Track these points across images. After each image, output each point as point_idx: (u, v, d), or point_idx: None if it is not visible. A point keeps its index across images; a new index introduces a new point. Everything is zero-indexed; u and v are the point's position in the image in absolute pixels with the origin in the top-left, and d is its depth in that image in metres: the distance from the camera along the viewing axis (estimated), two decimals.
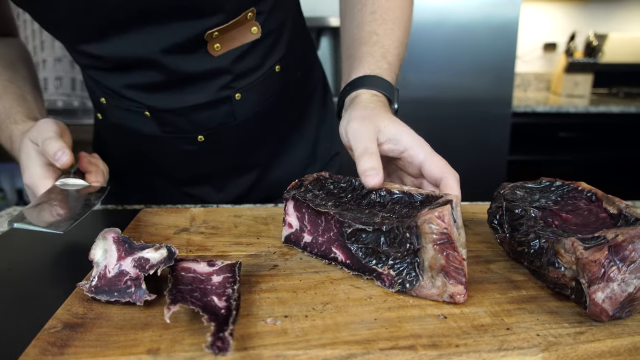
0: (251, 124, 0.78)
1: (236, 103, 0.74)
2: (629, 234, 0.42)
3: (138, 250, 0.46)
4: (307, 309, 0.43)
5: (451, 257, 0.43)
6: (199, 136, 0.75)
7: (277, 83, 0.79)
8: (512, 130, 2.37)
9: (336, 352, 0.37)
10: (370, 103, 0.62)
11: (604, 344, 0.39)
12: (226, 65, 0.71)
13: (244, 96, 0.75)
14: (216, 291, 0.42)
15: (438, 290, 0.45)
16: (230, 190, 0.86)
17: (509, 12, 2.18)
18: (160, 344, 0.38)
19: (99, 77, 0.73)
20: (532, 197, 0.57)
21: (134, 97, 0.72)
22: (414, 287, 0.45)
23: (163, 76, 0.69)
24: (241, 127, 0.77)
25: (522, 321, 0.42)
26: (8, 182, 2.77)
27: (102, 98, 0.76)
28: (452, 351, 0.38)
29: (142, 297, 0.43)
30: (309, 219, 0.53)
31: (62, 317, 0.41)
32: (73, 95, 2.64)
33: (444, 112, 2.26)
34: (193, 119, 0.74)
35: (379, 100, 0.63)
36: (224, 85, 0.72)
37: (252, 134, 0.80)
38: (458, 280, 0.44)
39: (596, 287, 0.41)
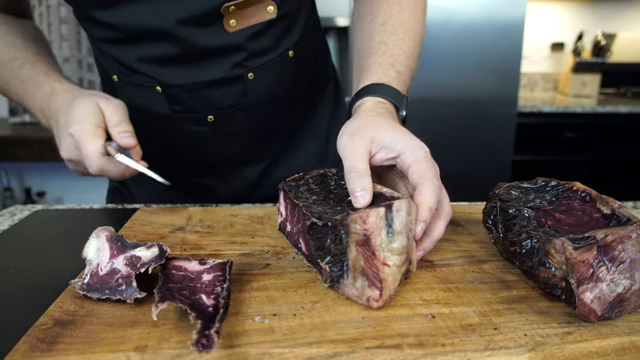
0: (262, 109, 0.79)
1: (249, 83, 0.75)
2: (618, 234, 0.41)
3: (130, 249, 0.47)
4: (296, 307, 0.44)
5: (370, 260, 0.43)
6: (209, 116, 0.76)
7: (290, 69, 0.80)
8: (518, 130, 2.36)
9: (322, 351, 0.37)
10: (372, 111, 0.61)
11: (591, 344, 0.39)
12: (241, 43, 0.71)
13: (257, 77, 0.75)
14: (205, 289, 0.43)
15: (357, 292, 0.44)
16: (238, 182, 0.86)
17: (514, 11, 2.17)
18: (147, 341, 0.38)
19: (112, 50, 0.73)
20: (527, 197, 0.57)
21: (147, 71, 0.73)
22: (339, 285, 0.45)
23: (178, 49, 0.70)
24: (252, 111, 0.78)
25: (511, 321, 0.42)
26: (16, 181, 2.80)
27: (115, 76, 0.76)
28: (438, 350, 0.38)
29: (133, 294, 0.43)
30: (290, 209, 0.55)
31: (54, 314, 0.42)
32: None
33: (449, 112, 2.26)
34: (204, 96, 0.74)
35: (383, 107, 0.62)
36: (238, 63, 0.73)
37: (262, 121, 0.80)
38: (375, 285, 0.43)
39: (585, 288, 0.41)
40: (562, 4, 2.99)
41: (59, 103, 0.67)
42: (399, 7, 0.73)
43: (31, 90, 0.71)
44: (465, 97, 2.25)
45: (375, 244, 0.42)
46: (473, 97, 2.25)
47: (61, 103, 0.66)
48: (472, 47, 2.20)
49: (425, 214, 0.47)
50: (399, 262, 0.43)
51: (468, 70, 2.23)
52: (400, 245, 0.43)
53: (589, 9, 3.00)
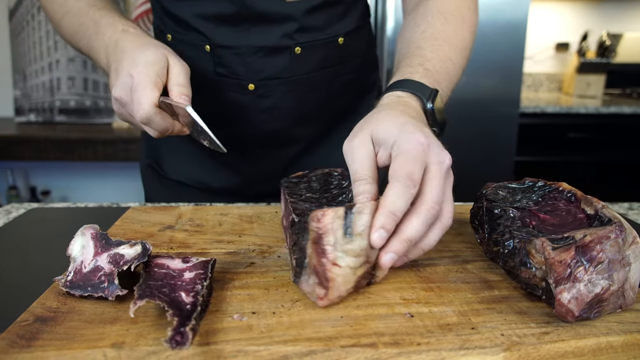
0: (303, 90, 0.80)
1: (294, 57, 0.76)
2: (596, 235, 0.41)
3: (114, 247, 0.47)
4: (276, 306, 0.44)
5: (320, 258, 0.42)
6: (250, 84, 0.77)
7: (336, 57, 0.81)
8: (521, 130, 2.35)
9: (297, 349, 0.38)
10: (381, 106, 0.58)
11: (567, 345, 0.39)
12: (295, 14, 0.74)
13: (303, 53, 0.77)
14: (185, 287, 0.43)
15: (310, 289, 0.44)
16: (265, 166, 0.86)
17: (517, 11, 2.16)
18: (125, 338, 0.38)
19: (171, 6, 0.76)
20: (514, 197, 0.57)
21: (201, 27, 0.75)
22: (299, 280, 0.45)
23: (234, 8, 0.72)
24: (292, 89, 0.79)
25: (489, 321, 0.42)
26: (21, 180, 2.82)
27: (169, 35, 0.79)
28: (413, 349, 0.38)
29: (114, 292, 0.44)
30: (284, 205, 0.56)
31: (36, 310, 0.42)
32: (85, 95, 2.68)
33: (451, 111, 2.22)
34: (249, 62, 0.76)
35: (397, 100, 0.59)
36: (287, 34, 0.75)
37: (300, 102, 0.81)
38: (322, 284, 0.43)
39: (562, 288, 0.41)
40: (567, 4, 2.97)
41: (128, 43, 0.66)
42: (444, 19, 0.72)
43: (102, 28, 0.70)
44: (467, 97, 2.24)
45: (326, 243, 0.42)
46: (475, 97, 2.25)
47: (130, 43, 0.65)
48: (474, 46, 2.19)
49: (382, 219, 0.43)
50: (353, 264, 0.43)
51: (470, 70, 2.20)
52: (358, 248, 0.42)
53: (594, 9, 2.98)
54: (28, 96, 2.68)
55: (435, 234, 0.47)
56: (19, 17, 2.66)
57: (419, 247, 0.47)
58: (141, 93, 0.59)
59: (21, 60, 2.67)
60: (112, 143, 2.37)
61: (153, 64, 0.62)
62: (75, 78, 2.67)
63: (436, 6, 0.74)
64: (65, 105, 2.67)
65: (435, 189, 0.45)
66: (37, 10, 2.65)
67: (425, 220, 0.45)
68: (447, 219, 0.47)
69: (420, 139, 0.47)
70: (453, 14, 0.73)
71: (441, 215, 0.47)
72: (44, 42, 2.65)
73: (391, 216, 0.43)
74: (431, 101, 0.59)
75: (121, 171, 2.81)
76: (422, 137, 0.47)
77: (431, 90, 0.60)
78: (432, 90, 0.60)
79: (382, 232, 0.43)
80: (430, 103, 0.59)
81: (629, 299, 0.43)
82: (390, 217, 0.43)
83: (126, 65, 0.62)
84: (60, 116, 2.68)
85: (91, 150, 2.41)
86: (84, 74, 2.66)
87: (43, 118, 2.68)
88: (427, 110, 0.59)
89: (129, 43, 0.65)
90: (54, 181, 2.87)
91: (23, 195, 2.81)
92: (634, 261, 0.43)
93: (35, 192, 2.83)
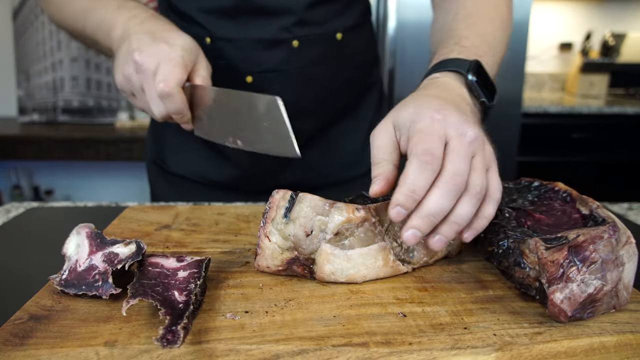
0: (301, 83, 0.80)
1: (292, 50, 0.77)
2: (589, 235, 0.41)
3: (109, 245, 0.47)
4: (269, 305, 0.44)
5: (260, 227, 0.48)
6: (248, 76, 0.78)
7: (335, 53, 0.82)
8: (523, 130, 2.34)
9: (288, 348, 0.38)
10: (414, 92, 0.55)
11: (560, 345, 0.39)
12: (294, 8, 0.75)
13: (301, 47, 0.78)
14: (179, 286, 0.43)
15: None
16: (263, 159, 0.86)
17: (519, 11, 2.15)
18: (118, 336, 0.39)
19: (177, 0, 0.78)
20: (510, 197, 0.57)
21: (203, 21, 0.76)
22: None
23: (235, 1, 0.74)
24: (290, 83, 0.80)
25: (482, 321, 0.42)
26: (25, 180, 2.84)
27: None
28: (405, 349, 0.38)
29: (108, 290, 0.44)
30: None
31: (30, 309, 0.43)
32: (88, 95, 2.69)
33: None
34: (248, 55, 0.77)
35: (432, 83, 0.57)
36: (285, 27, 0.76)
37: (299, 97, 0.81)
38: (257, 249, 0.48)
39: (555, 288, 0.40)
40: (571, 3, 2.96)
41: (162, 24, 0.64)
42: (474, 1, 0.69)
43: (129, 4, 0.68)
44: None
45: (268, 216, 0.47)
46: None
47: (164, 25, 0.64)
48: None
49: (399, 196, 0.42)
50: (281, 244, 0.47)
51: None
52: (288, 233, 0.47)
53: (598, 8, 2.97)
54: (31, 96, 2.69)
55: (467, 205, 0.44)
56: (23, 17, 2.67)
57: (453, 222, 0.44)
58: (171, 68, 0.58)
59: (25, 60, 2.69)
60: (114, 143, 2.38)
61: (189, 50, 0.61)
62: (78, 78, 2.68)
63: None
64: (68, 105, 2.68)
65: (455, 160, 0.43)
66: (40, 11, 2.66)
67: (445, 192, 0.43)
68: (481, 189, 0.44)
69: (435, 115, 0.46)
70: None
71: (469, 187, 0.44)
72: (47, 42, 2.66)
73: (409, 193, 0.42)
74: (472, 72, 0.56)
75: (123, 171, 2.82)
76: (437, 113, 0.46)
77: (470, 63, 0.57)
78: (472, 62, 0.57)
79: (399, 208, 0.42)
80: (472, 75, 0.56)
81: (622, 299, 0.43)
82: (408, 194, 0.42)
83: (160, 37, 0.61)
84: (64, 116, 2.69)
85: (94, 150, 2.42)
86: (87, 73, 2.67)
87: (46, 118, 2.69)
88: (470, 84, 0.56)
89: (162, 24, 0.64)
90: (57, 180, 2.88)
91: (26, 195, 2.82)
92: (628, 261, 0.42)
93: (39, 191, 2.84)
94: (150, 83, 0.59)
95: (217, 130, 0.61)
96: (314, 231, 0.46)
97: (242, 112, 0.56)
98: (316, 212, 0.46)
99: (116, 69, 0.63)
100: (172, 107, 0.59)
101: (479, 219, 0.46)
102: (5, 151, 2.43)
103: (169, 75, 0.57)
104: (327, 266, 0.46)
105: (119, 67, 0.62)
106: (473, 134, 0.45)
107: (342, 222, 0.46)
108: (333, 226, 0.46)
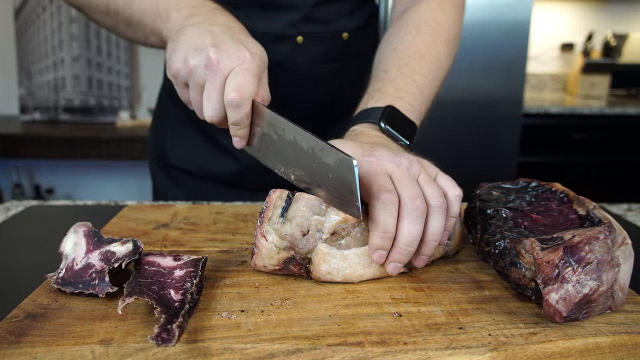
0: (305, 81, 0.81)
1: (297, 46, 0.78)
2: (585, 236, 0.41)
3: (106, 244, 0.47)
4: (265, 304, 0.44)
5: (257, 227, 0.49)
6: None
7: (341, 53, 0.82)
8: (524, 131, 2.34)
9: (283, 347, 0.38)
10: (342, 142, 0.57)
11: (555, 345, 0.39)
12: (301, 4, 0.76)
13: (306, 43, 0.78)
14: (175, 285, 0.43)
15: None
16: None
17: (520, 11, 2.15)
18: (114, 335, 0.39)
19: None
20: (507, 197, 0.57)
21: None
22: None
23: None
24: (295, 79, 0.80)
25: (478, 321, 0.42)
26: (26, 178, 2.84)
27: None
28: (399, 348, 0.38)
29: (105, 289, 0.44)
30: None
31: (27, 307, 0.43)
32: (90, 94, 2.70)
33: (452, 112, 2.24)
34: None
35: (353, 134, 0.61)
36: (291, 22, 0.77)
37: (303, 95, 0.81)
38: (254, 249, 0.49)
39: (550, 288, 0.40)
40: (572, 4, 2.95)
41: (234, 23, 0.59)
42: (415, 32, 0.72)
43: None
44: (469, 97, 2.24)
45: (265, 216, 0.48)
46: (477, 97, 2.24)
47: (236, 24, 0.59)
48: (476, 46, 2.18)
49: (376, 240, 0.46)
50: (277, 243, 0.47)
51: (472, 70, 2.21)
52: (285, 232, 0.47)
53: (600, 9, 2.97)
54: (33, 95, 2.70)
55: (436, 220, 0.48)
56: (25, 16, 2.67)
57: (430, 240, 0.48)
58: (249, 78, 0.52)
59: (26, 59, 2.69)
60: (115, 142, 2.39)
61: (264, 62, 0.57)
62: (80, 77, 2.69)
63: (411, 17, 0.74)
64: (69, 104, 2.69)
65: (406, 186, 0.47)
66: (42, 10, 2.67)
67: (413, 219, 0.46)
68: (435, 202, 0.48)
69: (369, 158, 0.50)
70: (428, 24, 0.73)
71: (429, 202, 0.48)
72: (49, 41, 2.67)
73: (383, 235, 0.46)
74: (385, 120, 0.60)
75: (124, 170, 2.82)
76: (370, 156, 0.50)
77: (384, 110, 0.61)
78: (385, 109, 0.61)
79: (379, 252, 0.47)
80: (384, 122, 0.60)
81: (618, 300, 0.43)
82: (382, 235, 0.46)
83: (239, 39, 0.55)
84: (65, 115, 2.70)
85: (95, 149, 2.42)
86: (88, 72, 2.68)
87: (48, 116, 2.70)
88: (384, 130, 0.60)
89: (235, 22, 0.60)
90: (58, 179, 2.89)
91: (28, 193, 2.82)
92: (624, 262, 0.42)
93: (40, 190, 2.84)
94: (217, 84, 0.53)
95: (269, 154, 0.55)
96: (311, 231, 0.46)
97: (306, 153, 0.49)
98: (312, 211, 0.46)
99: (174, 54, 0.56)
100: (236, 117, 0.54)
101: (448, 220, 0.50)
102: (7, 150, 2.44)
103: (245, 86, 0.52)
104: (324, 266, 0.46)
105: (180, 53, 0.55)
106: (406, 160, 0.50)
107: (339, 222, 0.46)
108: (329, 226, 0.46)
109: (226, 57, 0.52)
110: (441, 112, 2.23)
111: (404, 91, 0.65)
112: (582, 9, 2.97)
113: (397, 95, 0.64)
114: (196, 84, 0.55)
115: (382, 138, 0.58)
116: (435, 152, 0.51)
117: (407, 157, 0.51)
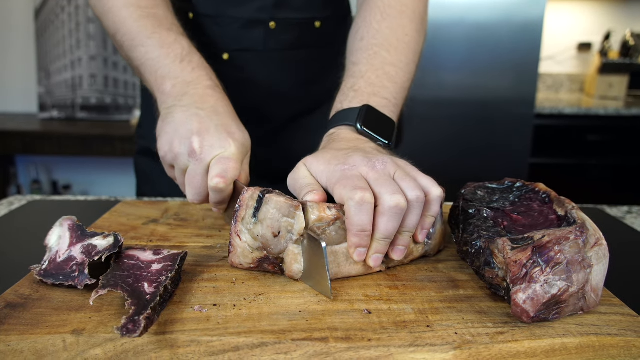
0: (277, 65, 0.83)
1: (269, 32, 0.80)
2: (555, 236, 0.41)
3: (88, 238, 0.49)
4: (238, 298, 0.45)
5: (232, 225, 0.49)
6: (225, 54, 0.81)
7: (313, 40, 0.84)
8: (537, 132, 2.31)
9: (249, 340, 0.38)
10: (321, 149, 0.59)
11: (520, 345, 0.39)
12: None
13: (278, 29, 0.81)
14: (150, 278, 0.44)
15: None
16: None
17: (533, 10, 2.12)
18: (87, 325, 0.40)
19: None
20: (491, 197, 0.57)
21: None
22: None
23: None
24: (266, 64, 0.82)
25: (446, 319, 0.42)
26: (45, 175, 2.91)
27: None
28: (363, 345, 0.38)
29: (83, 281, 0.45)
30: None
31: (8, 297, 0.44)
32: (106, 93, 2.74)
33: (464, 112, 2.22)
34: (227, 33, 0.80)
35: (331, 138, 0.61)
36: (263, 7, 0.79)
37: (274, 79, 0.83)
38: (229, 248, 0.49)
39: (518, 288, 0.40)
40: (590, 2, 2.90)
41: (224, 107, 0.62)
42: (380, 16, 0.71)
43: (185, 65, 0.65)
44: (480, 97, 2.22)
45: (239, 215, 0.48)
46: (488, 97, 2.22)
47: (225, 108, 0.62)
48: (488, 46, 2.16)
49: (354, 239, 0.47)
50: (251, 243, 0.48)
51: (483, 71, 2.19)
52: (257, 233, 0.47)
53: (618, 8, 2.91)
54: (51, 93, 2.76)
55: (413, 215, 0.49)
56: (44, 17, 2.73)
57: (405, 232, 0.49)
58: (232, 165, 0.55)
59: (45, 59, 2.75)
60: (129, 139, 2.42)
61: (247, 148, 0.60)
62: (96, 76, 2.73)
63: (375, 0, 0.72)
64: (86, 102, 2.74)
65: (383, 185, 0.47)
66: (60, 10, 2.72)
67: (391, 216, 0.46)
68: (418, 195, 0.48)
69: (343, 167, 0.50)
70: (392, 6, 0.71)
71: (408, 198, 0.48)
72: (67, 41, 2.72)
73: (360, 233, 0.46)
74: (360, 121, 0.59)
75: None
76: (344, 164, 0.50)
77: (359, 110, 0.61)
78: (361, 109, 0.61)
79: (359, 250, 0.47)
80: (360, 123, 0.59)
81: (591, 302, 0.42)
82: (360, 234, 0.46)
83: (223, 126, 0.58)
84: (82, 113, 2.75)
85: (109, 146, 2.46)
86: (104, 71, 2.73)
87: (65, 114, 2.75)
88: (362, 132, 0.59)
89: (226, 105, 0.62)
90: (74, 176, 2.94)
91: (45, 189, 2.89)
92: (597, 263, 0.42)
93: (57, 186, 2.90)
94: (199, 172, 0.56)
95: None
96: (281, 232, 0.47)
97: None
98: (282, 213, 0.46)
99: (162, 135, 0.59)
100: (218, 199, 0.56)
101: (426, 218, 0.51)
102: (26, 146, 2.50)
103: (229, 171, 0.54)
104: (296, 265, 0.47)
105: (167, 137, 0.58)
106: (380, 163, 0.50)
107: (314, 221, 0.47)
108: (299, 228, 0.46)
109: (207, 148, 0.55)
110: (452, 111, 2.22)
111: (376, 86, 0.65)
112: (599, 8, 2.92)
113: (371, 92, 0.64)
114: (180, 168, 0.58)
115: (360, 141, 0.58)
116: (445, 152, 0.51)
117: (381, 159, 0.51)
